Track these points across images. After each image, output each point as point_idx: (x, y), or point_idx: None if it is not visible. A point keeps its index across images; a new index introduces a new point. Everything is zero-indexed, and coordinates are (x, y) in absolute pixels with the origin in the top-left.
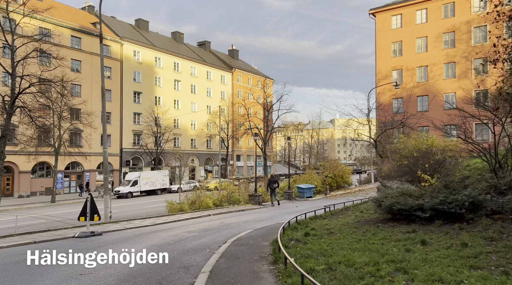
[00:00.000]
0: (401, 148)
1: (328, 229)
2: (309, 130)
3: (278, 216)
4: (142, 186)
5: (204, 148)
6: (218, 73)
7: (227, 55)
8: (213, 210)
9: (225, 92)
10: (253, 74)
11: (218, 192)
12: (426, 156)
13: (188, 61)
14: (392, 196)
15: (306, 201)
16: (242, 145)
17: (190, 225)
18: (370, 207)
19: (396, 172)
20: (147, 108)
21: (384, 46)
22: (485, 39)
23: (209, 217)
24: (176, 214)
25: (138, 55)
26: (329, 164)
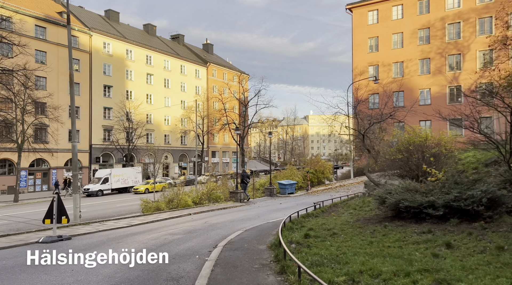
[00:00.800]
0: (394, 141)
1: (328, 229)
2: (284, 126)
3: (265, 214)
4: (113, 184)
5: (178, 144)
6: (193, 67)
7: (202, 50)
8: (193, 209)
9: (199, 87)
10: (229, 69)
11: (197, 190)
12: (421, 150)
13: (161, 55)
14: (396, 192)
15: (288, 197)
16: (218, 141)
17: (171, 225)
18: (362, 203)
19: (389, 167)
20: (118, 102)
21: (360, 41)
22: (459, 35)
23: (189, 217)
24: (153, 214)
25: (108, 48)
26: (310, 159)
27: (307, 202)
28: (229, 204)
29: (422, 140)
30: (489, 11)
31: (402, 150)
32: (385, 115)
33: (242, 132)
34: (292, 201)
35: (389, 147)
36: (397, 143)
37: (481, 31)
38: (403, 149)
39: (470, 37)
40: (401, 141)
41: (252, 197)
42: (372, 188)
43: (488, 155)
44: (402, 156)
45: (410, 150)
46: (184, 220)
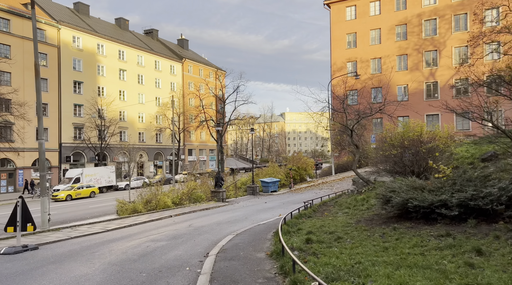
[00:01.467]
0: (388, 136)
1: (331, 233)
2: (261, 124)
3: (253, 215)
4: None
5: (153, 142)
6: (167, 63)
7: (177, 45)
8: (174, 210)
9: (175, 83)
10: (205, 65)
11: (177, 190)
12: (417, 145)
13: (134, 50)
14: (402, 190)
15: (271, 196)
16: (194, 138)
17: (152, 230)
18: (354, 201)
19: (382, 163)
20: (89, 99)
21: (339, 37)
22: (435, 32)
23: (171, 219)
24: (130, 216)
25: (78, 42)
26: (292, 156)
27: (293, 200)
28: (211, 204)
29: (418, 135)
30: (464, 8)
31: (396, 145)
32: (374, 109)
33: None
34: (277, 200)
35: (383, 142)
36: (390, 138)
37: (456, 27)
38: (397, 144)
39: (446, 33)
40: (394, 136)
41: (234, 196)
42: (361, 185)
43: (482, 149)
44: (396, 152)
45: (405, 145)
46: (165, 223)
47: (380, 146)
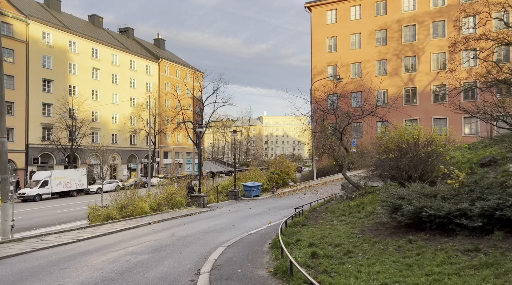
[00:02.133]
0: (384, 139)
1: (337, 245)
2: (238, 127)
3: (239, 222)
4: (53, 187)
5: (127, 144)
6: (143, 63)
7: (153, 45)
8: (152, 216)
9: (151, 83)
10: (182, 66)
11: (155, 194)
12: (415, 149)
13: (108, 48)
14: (411, 197)
15: (255, 201)
16: (170, 141)
17: (130, 240)
18: (348, 208)
19: (377, 167)
20: (59, 98)
21: (319, 41)
22: (414, 38)
23: (150, 227)
24: (104, 224)
25: (48, 38)
26: (275, 160)
27: (279, 206)
28: (192, 209)
29: (415, 138)
30: (442, 15)
31: (393, 148)
32: (365, 112)
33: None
34: (261, 205)
35: (377, 146)
36: (386, 141)
37: (435, 34)
38: (394, 147)
39: (424, 39)
40: (391, 139)
41: (215, 201)
42: (350, 190)
43: (479, 154)
44: (393, 156)
45: (403, 149)
46: (144, 232)
47: (374, 149)
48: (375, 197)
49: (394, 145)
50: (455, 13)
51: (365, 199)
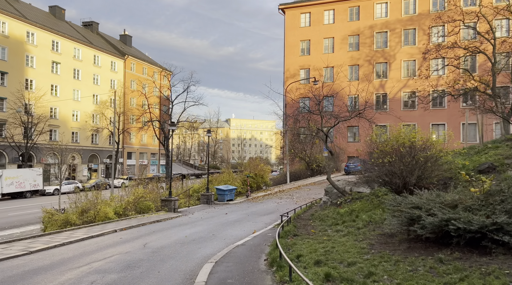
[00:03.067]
0: (378, 142)
1: (349, 264)
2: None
3: (219, 230)
4: (4, 187)
5: (89, 143)
6: (108, 59)
7: (119, 41)
8: (118, 223)
9: (115, 80)
10: (149, 64)
11: (121, 197)
12: (413, 152)
13: (70, 42)
14: (430, 206)
15: (229, 205)
16: (135, 141)
17: (94, 252)
18: (338, 215)
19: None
20: (14, 92)
21: (292, 43)
22: (386, 45)
23: (116, 235)
24: (62, 231)
25: (4, 27)
26: (249, 162)
27: (257, 211)
28: (162, 214)
29: (412, 142)
30: (413, 23)
31: (389, 151)
32: (353, 113)
33: (169, 131)
34: (237, 210)
35: (370, 150)
36: (382, 144)
37: (405, 42)
38: (391, 150)
39: (396, 47)
40: (387, 142)
41: (186, 205)
42: (335, 195)
43: (473, 160)
44: (388, 160)
45: (401, 153)
46: (111, 241)
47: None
48: (365, 204)
49: (390, 148)
50: (425, 22)
51: (353, 205)
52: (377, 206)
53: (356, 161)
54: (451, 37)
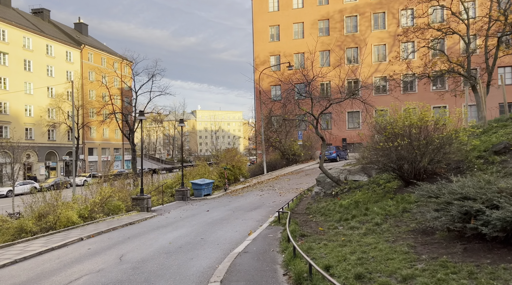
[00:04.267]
0: (384, 123)
1: (404, 278)
2: (172, 121)
3: (207, 233)
4: None
5: (45, 139)
6: (62, 48)
7: (74, 30)
8: (84, 228)
9: (72, 72)
10: (108, 54)
11: (85, 198)
12: (426, 134)
13: (19, 30)
14: (493, 196)
15: (207, 201)
16: (96, 136)
17: (56, 273)
18: (341, 208)
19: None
20: None
21: (261, 29)
22: (356, 29)
23: (83, 244)
24: (16, 243)
25: None
26: (225, 154)
27: (241, 207)
28: (135, 215)
29: (425, 121)
30: (382, 7)
31: (400, 134)
32: (347, 94)
33: (133, 124)
34: (219, 206)
35: (377, 132)
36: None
37: (375, 26)
38: (401, 132)
39: (366, 31)
40: (396, 123)
41: (160, 202)
42: (328, 185)
43: (483, 141)
44: (400, 143)
45: (413, 135)
46: (76, 254)
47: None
48: (368, 194)
49: (401, 130)
50: (394, 5)
51: (354, 196)
52: (383, 196)
53: (330, 148)
54: (421, 19)
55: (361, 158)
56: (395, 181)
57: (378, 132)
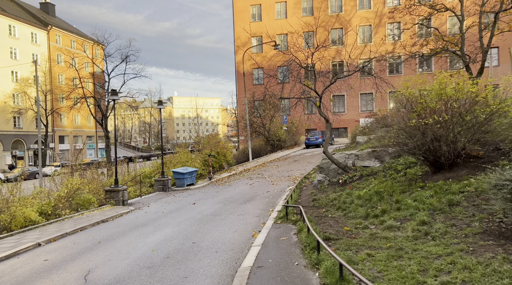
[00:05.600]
0: (413, 97)
1: None
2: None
3: (198, 234)
4: None
5: (11, 127)
6: (27, 29)
7: (39, 10)
8: (44, 229)
9: (38, 54)
10: (78, 36)
11: (48, 191)
12: (469, 108)
13: None
14: None
15: (191, 191)
16: (67, 123)
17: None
18: (362, 201)
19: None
20: None
21: (242, 8)
22: (341, 9)
23: (39, 253)
24: None
25: None
26: (208, 139)
27: (231, 198)
28: (108, 210)
29: (472, 93)
30: None
31: (437, 108)
32: (356, 67)
33: (106, 109)
34: (206, 198)
35: (403, 107)
36: (424, 99)
37: (361, 5)
38: (437, 107)
39: (351, 11)
40: (430, 96)
41: (137, 194)
42: (333, 172)
43: None
44: (437, 120)
45: (454, 109)
46: (28, 269)
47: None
48: (387, 183)
49: (436, 104)
50: None
51: (371, 185)
52: (408, 185)
53: (316, 134)
54: None
55: (382, 139)
56: (417, 167)
57: (405, 108)
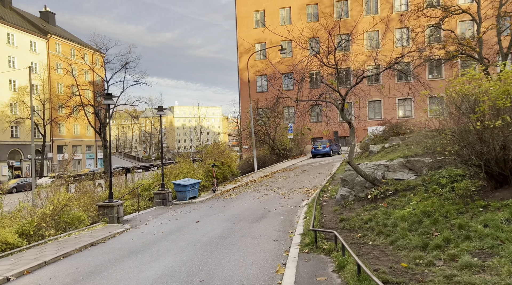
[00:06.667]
0: (472, 94)
1: None
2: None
3: (206, 266)
4: None
5: (7, 136)
6: (26, 38)
7: (39, 18)
8: (20, 255)
9: (37, 63)
10: (77, 44)
11: (32, 208)
12: None
13: None
14: None
15: (194, 206)
16: (65, 132)
17: None
18: (406, 224)
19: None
20: None
21: (245, 14)
22: (347, 14)
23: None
24: None
25: None
26: (212, 148)
27: (240, 215)
28: (100, 229)
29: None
30: None
31: (508, 107)
32: (388, 63)
33: (105, 118)
34: (211, 214)
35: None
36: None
37: (367, 11)
38: (504, 104)
39: (357, 16)
40: (494, 93)
41: (135, 208)
42: (360, 186)
43: None
44: (502, 124)
45: None
46: None
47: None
48: (432, 200)
49: (507, 102)
50: None
51: (412, 202)
52: (464, 204)
53: (323, 142)
54: (415, 2)
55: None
56: (466, 180)
57: (460, 108)
